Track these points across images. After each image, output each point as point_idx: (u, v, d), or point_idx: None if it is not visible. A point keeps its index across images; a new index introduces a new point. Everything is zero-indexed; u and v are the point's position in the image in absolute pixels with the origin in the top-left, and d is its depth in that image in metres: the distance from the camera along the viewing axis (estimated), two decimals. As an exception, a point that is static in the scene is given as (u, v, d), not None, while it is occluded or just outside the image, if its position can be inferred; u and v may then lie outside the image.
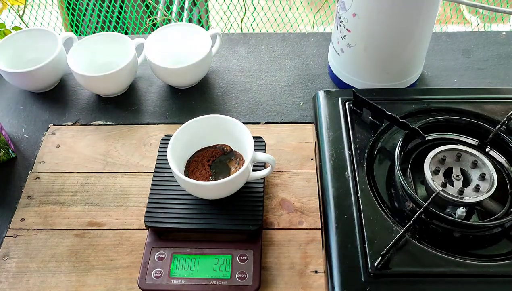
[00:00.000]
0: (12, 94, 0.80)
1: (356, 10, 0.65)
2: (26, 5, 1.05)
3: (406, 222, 0.50)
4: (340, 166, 0.57)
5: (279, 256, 0.58)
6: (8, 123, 0.75)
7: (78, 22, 1.25)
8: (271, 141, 0.70)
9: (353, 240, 0.50)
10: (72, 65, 0.73)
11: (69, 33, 0.81)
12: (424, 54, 0.74)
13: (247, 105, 0.77)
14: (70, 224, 0.62)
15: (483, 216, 0.53)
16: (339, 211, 0.53)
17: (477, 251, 0.50)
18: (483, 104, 0.63)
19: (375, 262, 0.47)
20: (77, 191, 0.65)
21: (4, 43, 0.78)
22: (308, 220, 0.61)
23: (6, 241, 0.60)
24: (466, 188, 0.53)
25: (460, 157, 0.56)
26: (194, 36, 0.79)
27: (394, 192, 0.55)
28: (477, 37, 0.87)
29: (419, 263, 0.48)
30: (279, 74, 0.82)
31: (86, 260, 0.58)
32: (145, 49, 0.76)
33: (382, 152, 0.59)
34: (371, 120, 0.62)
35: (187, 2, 1.31)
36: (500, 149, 0.59)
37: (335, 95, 0.66)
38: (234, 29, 1.13)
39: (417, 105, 0.63)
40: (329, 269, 0.49)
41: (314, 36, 0.89)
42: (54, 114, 0.76)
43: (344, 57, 0.73)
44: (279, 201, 0.63)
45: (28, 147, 0.72)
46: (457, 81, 0.79)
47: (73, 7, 1.22)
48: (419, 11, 0.64)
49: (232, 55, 0.86)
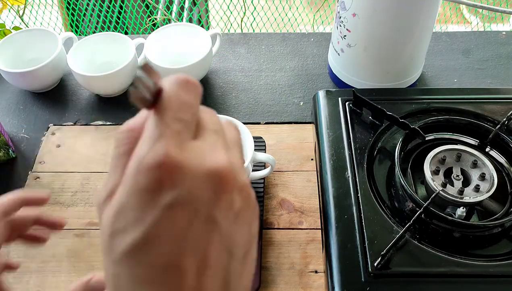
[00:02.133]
0: (12, 94, 0.80)
1: (356, 10, 0.65)
2: (26, 5, 1.05)
3: (406, 222, 0.50)
4: (340, 166, 0.57)
5: (279, 256, 0.58)
6: (8, 123, 0.75)
7: (78, 22, 1.25)
8: (271, 141, 0.70)
9: (353, 240, 0.50)
10: (72, 65, 0.73)
11: (69, 33, 0.81)
12: (424, 54, 0.74)
13: (247, 105, 0.77)
14: (70, 224, 0.62)
15: (483, 216, 0.53)
16: (339, 211, 0.53)
17: (477, 251, 0.50)
18: (483, 104, 0.63)
19: (375, 262, 0.47)
20: (77, 191, 0.65)
21: (4, 43, 0.78)
22: (308, 220, 0.61)
23: (6, 241, 0.60)
24: (466, 188, 0.53)
25: (460, 157, 0.56)
26: (194, 36, 0.79)
27: (394, 192, 0.55)
28: (477, 37, 0.87)
29: (419, 263, 0.48)
30: (279, 74, 0.82)
31: (86, 260, 0.58)
32: (145, 49, 0.76)
33: (382, 152, 0.59)
34: (371, 120, 0.62)
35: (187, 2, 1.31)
36: (500, 149, 0.59)
37: (335, 95, 0.66)
38: (234, 29, 1.13)
39: (417, 105, 0.63)
40: (329, 269, 0.49)
41: (314, 36, 0.89)
42: (54, 114, 0.76)
43: (344, 57, 0.73)
44: (279, 201, 0.63)
45: (28, 147, 0.72)
46: (457, 81, 0.79)
47: (73, 7, 1.22)
48: (419, 11, 0.64)
49: (232, 55, 0.86)
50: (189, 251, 0.20)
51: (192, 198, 0.20)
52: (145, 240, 0.20)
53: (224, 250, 0.21)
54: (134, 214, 0.20)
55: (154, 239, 0.20)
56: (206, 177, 0.21)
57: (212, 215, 0.21)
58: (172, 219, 0.20)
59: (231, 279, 0.22)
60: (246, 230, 0.23)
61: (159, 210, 0.20)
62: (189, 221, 0.20)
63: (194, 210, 0.20)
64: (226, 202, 0.21)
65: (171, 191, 0.20)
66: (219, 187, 0.21)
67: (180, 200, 0.20)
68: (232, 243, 0.22)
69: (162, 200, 0.20)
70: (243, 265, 0.23)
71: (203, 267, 0.21)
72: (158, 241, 0.20)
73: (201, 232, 0.21)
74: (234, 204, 0.22)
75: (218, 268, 0.21)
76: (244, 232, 0.23)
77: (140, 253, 0.20)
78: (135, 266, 0.20)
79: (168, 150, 0.20)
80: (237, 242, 0.22)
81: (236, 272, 0.22)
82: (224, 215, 0.21)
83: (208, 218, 0.21)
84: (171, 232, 0.20)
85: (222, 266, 0.21)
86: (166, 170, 0.20)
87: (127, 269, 0.20)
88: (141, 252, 0.20)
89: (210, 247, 0.21)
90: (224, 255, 0.21)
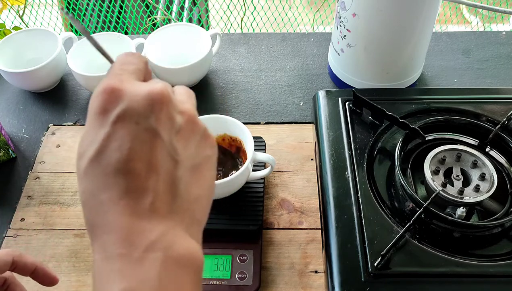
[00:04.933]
0: (12, 94, 0.80)
1: (356, 10, 0.65)
2: (26, 5, 1.05)
3: (406, 222, 0.50)
4: (340, 166, 0.57)
5: (279, 256, 0.58)
6: (8, 123, 0.75)
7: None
8: (271, 141, 0.70)
9: (353, 240, 0.50)
10: (72, 65, 0.73)
11: (69, 33, 0.81)
12: (424, 54, 0.74)
13: (247, 105, 0.77)
14: (70, 224, 0.62)
15: (483, 216, 0.53)
16: (339, 211, 0.53)
17: (477, 251, 0.50)
18: (483, 104, 0.63)
19: (375, 262, 0.47)
20: (77, 191, 0.65)
21: (4, 43, 0.78)
22: (308, 220, 0.61)
23: (6, 241, 0.60)
24: (466, 188, 0.53)
25: (460, 157, 0.56)
26: (194, 36, 0.79)
27: (394, 192, 0.55)
28: (477, 37, 0.87)
29: (419, 263, 0.48)
30: (279, 74, 0.82)
31: (86, 260, 0.58)
32: (145, 49, 0.76)
33: (382, 152, 0.59)
34: (371, 120, 0.62)
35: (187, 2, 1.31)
36: (500, 149, 0.59)
37: (335, 95, 0.66)
38: (234, 29, 1.12)
39: (417, 105, 0.63)
40: (329, 269, 0.49)
41: (314, 36, 0.89)
42: (54, 114, 0.76)
43: (344, 57, 0.73)
44: (279, 201, 0.63)
45: (28, 147, 0.72)
46: (457, 81, 0.79)
47: (73, 7, 1.22)
48: (419, 11, 0.64)
49: (232, 55, 0.86)
50: (135, 157, 0.24)
51: (132, 112, 0.25)
52: (98, 154, 0.24)
53: (167, 156, 0.25)
54: (91, 136, 0.25)
55: (104, 151, 0.24)
56: (143, 96, 0.25)
57: (152, 126, 0.25)
58: (117, 131, 0.24)
59: (178, 184, 0.26)
60: (192, 145, 0.27)
61: (107, 126, 0.24)
62: (132, 131, 0.24)
63: (135, 122, 0.25)
64: (164, 117, 0.25)
65: (114, 109, 0.25)
66: (156, 104, 0.25)
67: (122, 115, 0.24)
68: (175, 151, 0.26)
69: (109, 118, 0.25)
70: (192, 174, 0.27)
71: (149, 169, 0.25)
72: (108, 152, 0.24)
73: (143, 140, 0.25)
74: (174, 121, 0.26)
75: (163, 170, 0.25)
76: (189, 146, 0.27)
77: (94, 166, 0.24)
78: (93, 179, 0.25)
79: (109, 81, 0.25)
80: (181, 153, 0.26)
81: (183, 179, 0.26)
82: (163, 127, 0.25)
83: (148, 128, 0.25)
84: (117, 143, 0.24)
85: (167, 169, 0.25)
86: (108, 92, 0.25)
87: (88, 183, 0.25)
88: (95, 165, 0.24)
89: (154, 153, 0.25)
90: (168, 160, 0.25)
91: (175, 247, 0.25)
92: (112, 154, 0.24)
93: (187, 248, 0.25)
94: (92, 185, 0.25)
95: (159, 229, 0.25)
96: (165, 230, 0.25)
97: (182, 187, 0.26)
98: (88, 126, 0.25)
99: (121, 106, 0.25)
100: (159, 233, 0.24)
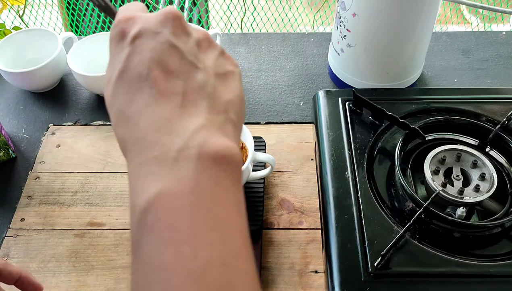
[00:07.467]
0: (12, 94, 0.80)
1: (356, 10, 0.65)
2: (26, 5, 1.05)
3: (406, 222, 0.50)
4: (340, 166, 0.57)
5: (279, 256, 0.58)
6: (8, 123, 0.75)
7: (78, 22, 1.25)
8: (271, 141, 0.70)
9: (353, 240, 0.50)
10: (72, 65, 0.73)
11: (69, 33, 0.81)
12: (424, 54, 0.74)
13: (247, 105, 0.77)
14: (70, 224, 0.62)
15: (483, 216, 0.53)
16: (339, 211, 0.53)
17: (477, 251, 0.50)
18: (483, 104, 0.63)
19: (375, 262, 0.47)
20: (77, 191, 0.65)
21: (4, 43, 0.78)
22: (308, 220, 0.61)
23: (6, 241, 0.60)
24: (466, 188, 0.53)
25: (460, 157, 0.56)
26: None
27: (394, 192, 0.55)
28: (477, 37, 0.87)
29: (419, 263, 0.48)
30: (279, 74, 0.82)
31: (86, 260, 0.58)
32: (145, 49, 0.76)
33: (382, 152, 0.59)
34: (371, 120, 0.62)
35: (187, 2, 1.31)
36: (500, 149, 0.59)
37: (335, 95, 0.66)
38: (234, 29, 1.12)
39: (417, 105, 0.63)
40: (329, 269, 0.49)
41: (314, 36, 0.89)
42: (54, 114, 0.76)
43: (344, 57, 0.73)
44: (279, 201, 0.63)
45: (28, 147, 0.72)
46: (457, 81, 0.79)
47: (73, 7, 1.22)
48: (419, 11, 0.64)
49: (232, 55, 0.86)
50: (156, 66, 0.26)
51: (147, 30, 0.27)
52: (121, 73, 0.26)
53: (188, 63, 0.27)
54: (113, 62, 0.27)
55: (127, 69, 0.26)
56: (157, 15, 0.27)
57: (168, 38, 0.26)
58: (136, 48, 0.26)
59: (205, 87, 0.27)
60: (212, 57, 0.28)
61: (127, 47, 0.26)
62: (149, 45, 0.26)
63: (152, 38, 0.26)
64: (179, 30, 0.27)
65: (130, 31, 0.27)
66: (169, 20, 0.27)
67: (138, 33, 0.26)
68: (196, 59, 0.27)
69: (126, 40, 0.27)
70: (218, 81, 0.28)
71: (171, 75, 0.26)
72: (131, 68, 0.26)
73: (161, 51, 0.26)
74: (190, 35, 0.28)
75: (186, 75, 0.26)
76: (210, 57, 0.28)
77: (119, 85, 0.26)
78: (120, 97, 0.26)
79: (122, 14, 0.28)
80: (202, 61, 0.28)
81: (210, 83, 0.27)
82: (179, 39, 0.27)
83: (165, 41, 0.26)
84: (137, 58, 0.26)
85: (190, 75, 0.27)
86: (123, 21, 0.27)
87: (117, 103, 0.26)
88: (120, 84, 0.26)
89: (173, 60, 0.26)
90: (189, 67, 0.27)
91: (209, 143, 0.24)
92: (134, 69, 0.26)
93: (221, 144, 0.25)
94: (120, 102, 0.26)
95: (191, 127, 0.25)
96: (197, 128, 0.25)
97: (210, 90, 0.27)
98: (110, 55, 0.27)
99: (136, 27, 0.27)
100: (191, 131, 0.24)
